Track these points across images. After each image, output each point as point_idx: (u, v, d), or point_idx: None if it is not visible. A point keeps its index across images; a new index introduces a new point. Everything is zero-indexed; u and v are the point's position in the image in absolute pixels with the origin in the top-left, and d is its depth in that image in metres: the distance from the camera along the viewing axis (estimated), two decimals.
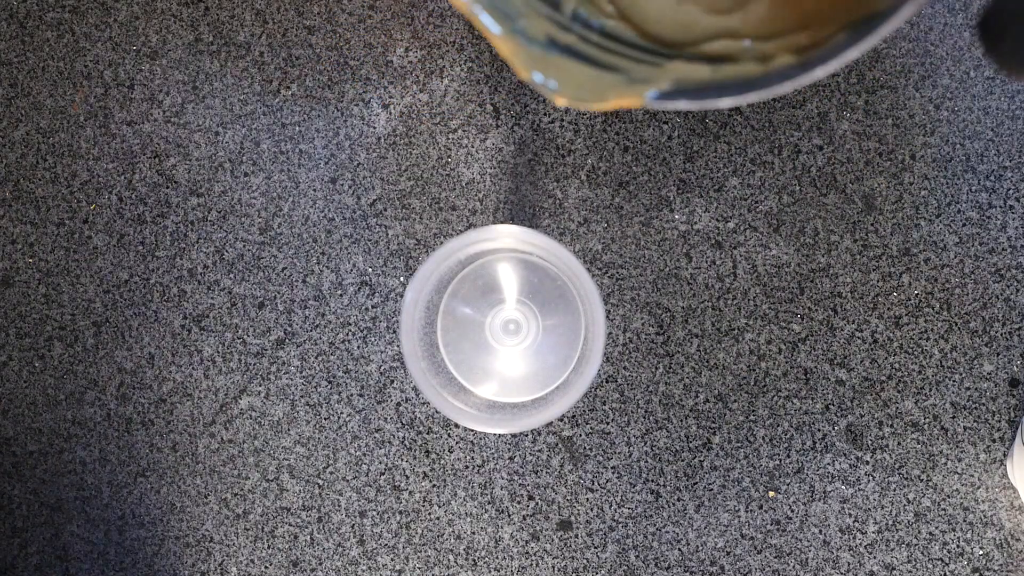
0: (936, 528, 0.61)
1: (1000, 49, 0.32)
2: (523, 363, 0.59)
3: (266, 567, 0.64)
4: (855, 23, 0.40)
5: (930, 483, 0.61)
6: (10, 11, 0.67)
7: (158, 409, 0.65)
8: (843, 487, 0.61)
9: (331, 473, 0.64)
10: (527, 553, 0.63)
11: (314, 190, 0.64)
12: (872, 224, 0.62)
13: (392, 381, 0.64)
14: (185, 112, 0.66)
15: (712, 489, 0.62)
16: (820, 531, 0.61)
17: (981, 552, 0.61)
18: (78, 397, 0.66)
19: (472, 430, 0.63)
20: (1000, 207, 0.62)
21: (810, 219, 0.62)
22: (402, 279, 0.64)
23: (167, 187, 0.66)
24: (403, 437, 0.63)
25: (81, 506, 0.65)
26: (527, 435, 0.63)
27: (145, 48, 0.66)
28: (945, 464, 0.61)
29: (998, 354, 0.61)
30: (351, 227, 0.64)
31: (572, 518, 0.63)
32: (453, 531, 0.63)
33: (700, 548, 0.62)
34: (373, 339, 0.64)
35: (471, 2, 0.38)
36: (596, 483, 0.62)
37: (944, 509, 0.61)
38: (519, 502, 0.63)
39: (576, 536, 0.62)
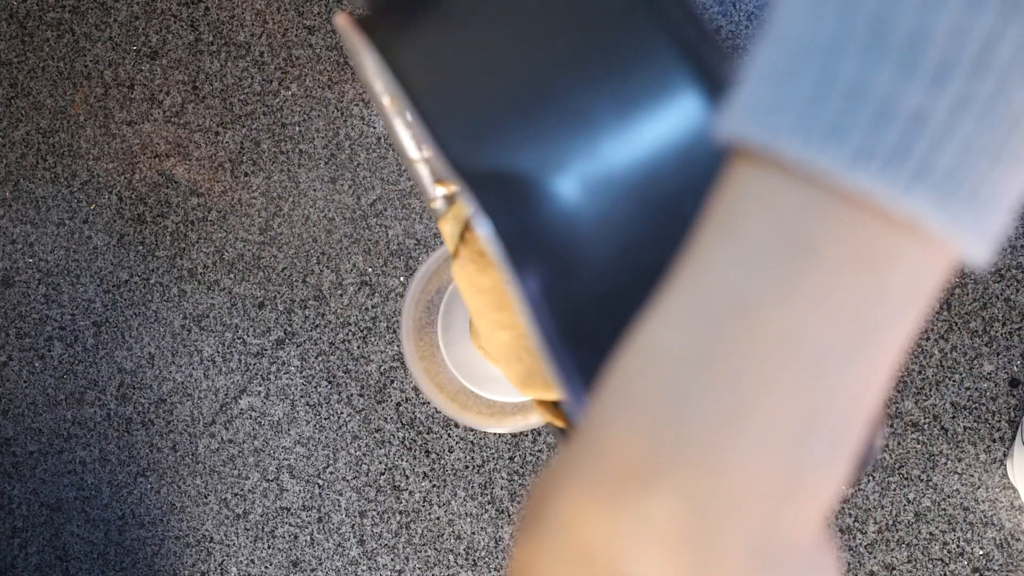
0: (936, 528, 0.61)
1: None
2: None
3: (266, 567, 0.64)
4: None
5: (930, 483, 0.61)
6: (10, 11, 0.67)
7: (158, 409, 0.65)
8: (843, 487, 0.61)
9: (331, 473, 0.64)
10: None
11: (314, 190, 0.64)
12: None
13: (392, 381, 0.64)
14: (185, 112, 0.66)
15: None
16: None
17: (981, 552, 0.61)
18: (78, 397, 0.66)
19: (472, 430, 0.63)
20: None
21: None
22: (402, 279, 0.64)
23: (167, 187, 0.66)
24: (403, 437, 0.63)
25: (81, 506, 0.65)
26: (527, 435, 0.63)
27: (145, 48, 0.66)
28: (945, 464, 0.61)
29: (998, 354, 0.61)
30: (351, 227, 0.64)
31: None
32: (453, 531, 0.63)
33: None
34: (373, 339, 0.64)
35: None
36: None
37: (944, 509, 0.61)
38: (519, 502, 0.63)
39: None
